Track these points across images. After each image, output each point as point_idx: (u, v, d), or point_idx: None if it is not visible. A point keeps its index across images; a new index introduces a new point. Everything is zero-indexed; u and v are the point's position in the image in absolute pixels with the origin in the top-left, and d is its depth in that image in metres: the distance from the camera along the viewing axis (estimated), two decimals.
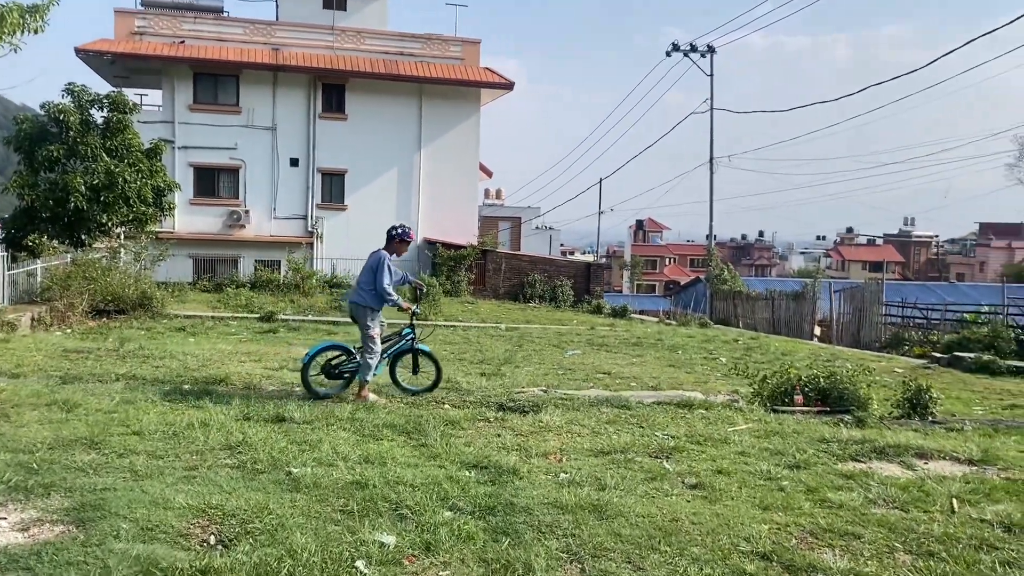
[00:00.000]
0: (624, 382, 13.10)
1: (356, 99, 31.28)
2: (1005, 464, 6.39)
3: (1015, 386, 15.37)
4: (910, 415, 8.91)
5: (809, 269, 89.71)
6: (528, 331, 20.99)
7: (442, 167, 31.80)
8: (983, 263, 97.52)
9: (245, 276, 28.89)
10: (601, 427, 6.87)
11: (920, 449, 6.63)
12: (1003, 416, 11.83)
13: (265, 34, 30.85)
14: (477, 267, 30.93)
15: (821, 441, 6.79)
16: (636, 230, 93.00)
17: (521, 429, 6.58)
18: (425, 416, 6.85)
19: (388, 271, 8.21)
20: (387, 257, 8.42)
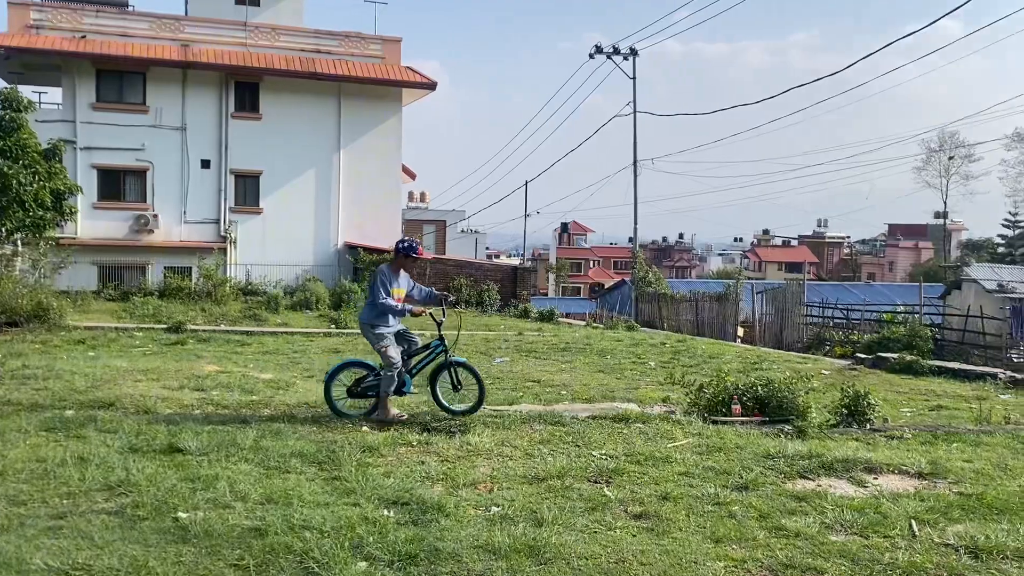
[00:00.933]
0: (555, 390, 12.61)
1: (271, 98, 30.13)
2: (955, 477, 6.10)
3: (938, 386, 15.48)
4: (848, 422, 8.65)
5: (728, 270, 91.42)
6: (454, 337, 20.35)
7: (363, 169, 30.89)
8: (892, 263, 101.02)
9: (154, 284, 27.45)
10: (535, 448, 6.33)
11: (868, 463, 6.29)
12: (929, 417, 11.80)
13: (173, 29, 29.44)
14: None
15: (766, 457, 6.39)
16: (561, 233, 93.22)
17: (447, 454, 5.98)
18: (340, 442, 6.17)
19: (383, 285, 7.77)
20: (385, 269, 8.03)
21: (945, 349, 23.05)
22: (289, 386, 9.47)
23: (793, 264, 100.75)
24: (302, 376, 13.32)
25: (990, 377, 15.70)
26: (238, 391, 8.75)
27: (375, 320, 7.82)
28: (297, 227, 30.29)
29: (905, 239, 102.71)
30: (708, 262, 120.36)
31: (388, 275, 7.89)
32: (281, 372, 13.18)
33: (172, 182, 29.38)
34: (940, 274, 59.75)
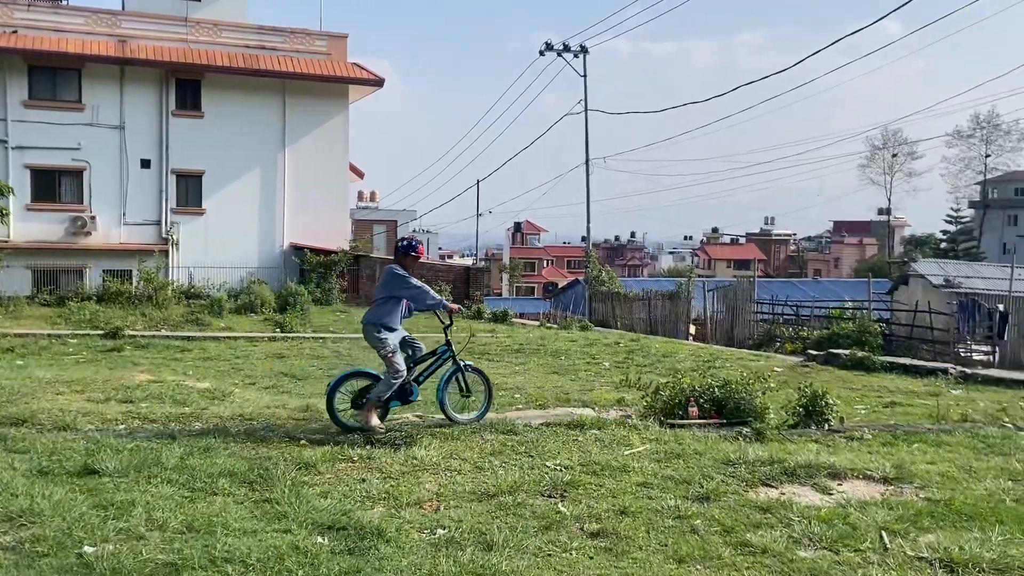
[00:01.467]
0: (508, 394, 12.26)
1: (213, 95, 29.26)
2: (921, 481, 5.89)
3: (890, 382, 15.48)
4: (807, 423, 8.45)
5: (678, 268, 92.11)
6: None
7: (309, 168, 30.17)
8: (838, 259, 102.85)
9: (92, 288, 26.42)
10: (485, 460, 5.95)
11: (832, 468, 6.05)
12: (884, 414, 11.72)
13: (110, 24, 28.41)
14: (350, 273, 29.51)
15: (727, 463, 6.11)
16: (514, 233, 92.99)
17: (391, 469, 5.57)
18: (275, 458, 5.72)
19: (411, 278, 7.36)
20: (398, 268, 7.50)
21: (894, 344, 23.26)
22: (226, 396, 8.95)
23: (742, 261, 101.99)
24: (243, 384, 12.77)
25: (941, 373, 15.76)
26: (169, 403, 8.21)
27: (384, 321, 7.29)
28: (241, 228, 29.48)
29: (850, 236, 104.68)
30: (659, 260, 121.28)
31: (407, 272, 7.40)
32: (220, 380, 12.60)
33: (111, 182, 28.35)
34: (886, 270, 60.92)
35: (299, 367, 15.09)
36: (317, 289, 28.03)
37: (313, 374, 14.34)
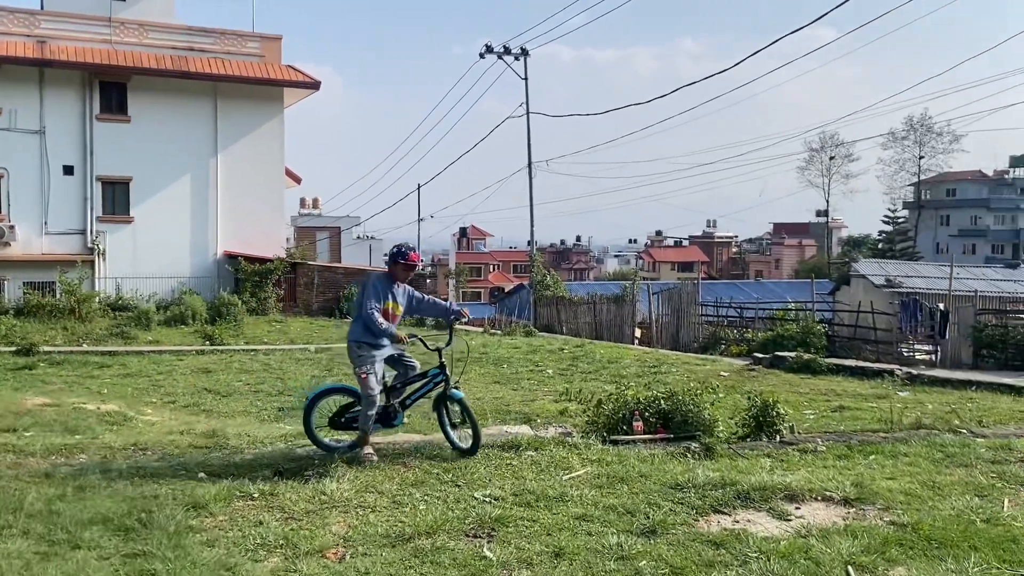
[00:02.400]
0: None
1: (140, 99, 28.03)
2: (884, 502, 5.40)
3: (837, 384, 15.22)
4: (757, 435, 7.96)
5: (623, 271, 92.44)
6: (341, 352, 18.97)
7: (243, 173, 29.09)
8: (778, 260, 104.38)
9: (12, 301, 25.02)
10: (405, 493, 5.29)
11: (788, 489, 5.53)
12: (832, 418, 11.36)
13: (28, 24, 27.01)
14: (287, 282, 28.51)
15: (675, 487, 5.55)
16: (460, 238, 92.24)
17: (295, 508, 4.86)
18: (163, 497, 4.98)
19: (374, 294, 6.44)
20: (377, 277, 6.74)
21: (837, 345, 23.17)
22: (127, 420, 8.12)
23: (685, 264, 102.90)
24: (160, 402, 11.91)
25: (887, 374, 15.55)
26: (59, 431, 7.36)
27: (363, 338, 6.52)
28: (172, 237, 28.27)
29: (789, 237, 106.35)
30: (605, 264, 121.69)
31: (380, 285, 6.61)
32: (134, 400, 11.72)
33: (31, 190, 26.95)
34: (826, 270, 61.72)
35: (224, 383, 14.23)
36: (252, 299, 27.02)
37: (239, 390, 13.51)
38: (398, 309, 6.67)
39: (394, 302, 6.61)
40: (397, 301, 6.65)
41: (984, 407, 12.20)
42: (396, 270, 6.62)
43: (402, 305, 6.72)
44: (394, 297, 6.62)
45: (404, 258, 6.59)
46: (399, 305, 6.68)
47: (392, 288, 6.63)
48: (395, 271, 6.63)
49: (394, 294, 6.62)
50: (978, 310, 20.08)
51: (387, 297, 6.54)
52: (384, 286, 6.59)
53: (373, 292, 6.43)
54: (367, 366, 6.37)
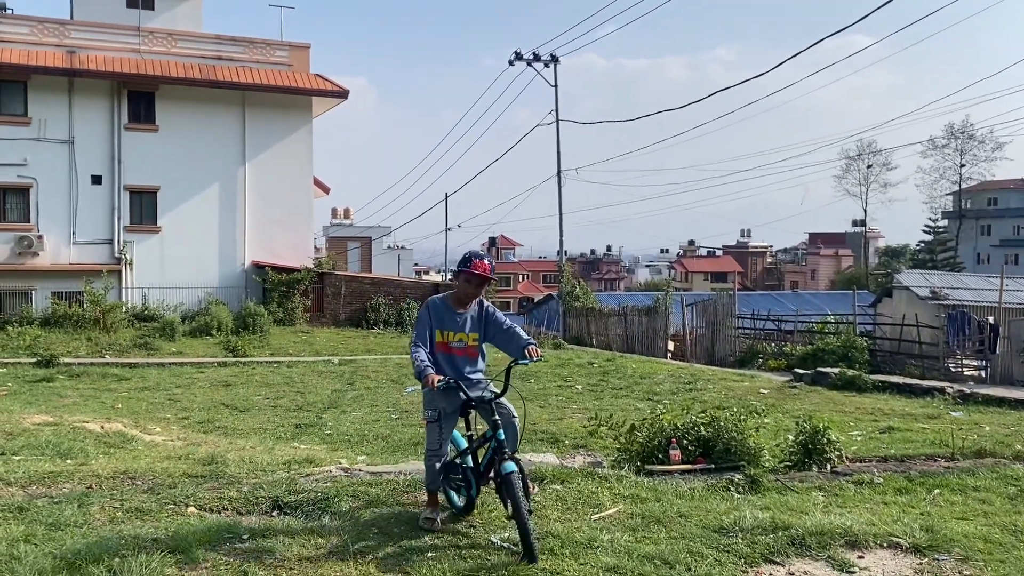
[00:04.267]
0: None
1: (168, 108, 27.91)
2: (961, 551, 4.72)
3: (884, 403, 14.42)
4: (806, 463, 7.27)
5: (655, 281, 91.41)
6: (365, 364, 18.61)
7: (271, 183, 28.84)
8: (814, 271, 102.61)
9: (39, 311, 24.96)
10: (413, 534, 4.70)
11: (848, 533, 4.87)
12: (881, 440, 10.63)
13: (58, 35, 27.01)
14: (314, 292, 28.19)
15: (719, 531, 4.91)
16: (489, 247, 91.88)
17: (287, 554, 4.25)
18: (141, 539, 4.42)
19: (421, 321, 5.22)
20: (430, 301, 5.36)
21: (880, 360, 22.26)
22: (126, 442, 7.63)
23: (719, 274, 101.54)
24: (174, 418, 11.48)
25: (938, 392, 14.71)
26: (51, 454, 6.88)
27: None
28: (200, 246, 28.07)
29: (825, 247, 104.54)
30: (636, 274, 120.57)
31: (432, 310, 5.24)
32: (144, 416, 11.30)
33: (59, 200, 26.90)
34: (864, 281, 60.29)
35: (243, 397, 13.80)
36: (279, 309, 26.74)
37: (257, 405, 13.06)
38: (466, 338, 5.17)
39: (454, 330, 5.16)
40: (462, 327, 5.16)
41: None
42: (466, 286, 5.20)
43: (471, 331, 5.19)
44: (456, 323, 5.16)
45: (466, 266, 5.13)
46: (466, 332, 5.17)
47: (451, 312, 5.18)
48: (460, 289, 5.25)
49: (456, 319, 5.16)
50: None
51: (441, 323, 5.15)
52: (438, 311, 5.20)
53: (419, 321, 5.23)
54: (427, 408, 5.16)
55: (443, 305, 5.25)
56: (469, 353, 5.21)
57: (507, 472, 4.60)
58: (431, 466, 5.09)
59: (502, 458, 4.68)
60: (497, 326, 5.27)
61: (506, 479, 4.59)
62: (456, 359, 5.17)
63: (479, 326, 5.24)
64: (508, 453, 4.72)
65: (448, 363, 5.14)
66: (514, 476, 4.57)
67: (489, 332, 5.26)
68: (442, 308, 5.23)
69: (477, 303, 5.27)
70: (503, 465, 4.65)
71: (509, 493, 4.54)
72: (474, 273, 5.12)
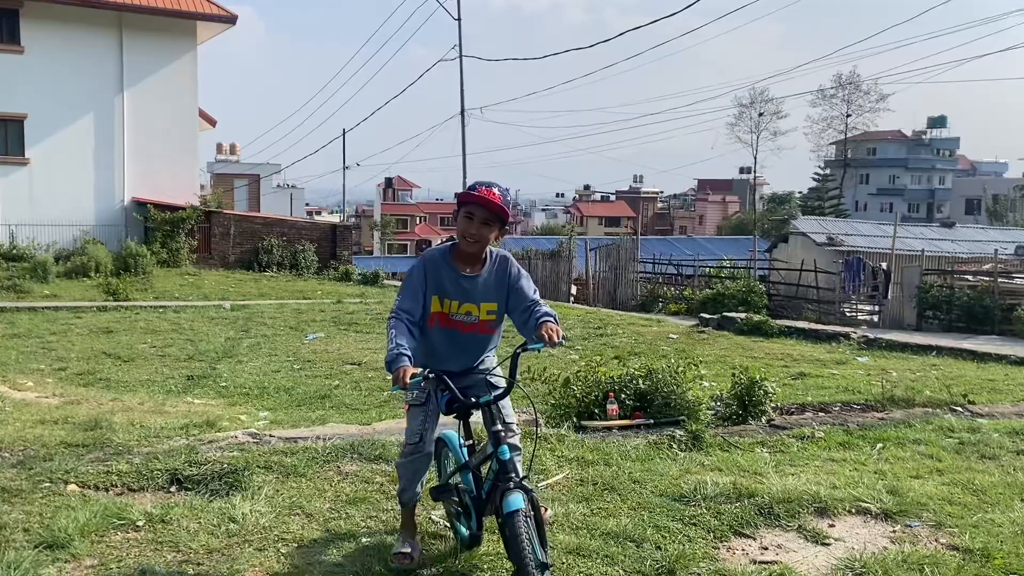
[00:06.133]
0: (379, 375, 10.42)
1: (36, 28, 25.37)
2: (931, 516, 4.46)
3: (792, 348, 14.55)
4: (742, 416, 7.01)
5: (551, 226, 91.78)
6: (260, 309, 17.57)
7: (152, 113, 26.78)
8: (702, 216, 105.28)
9: None
10: (341, 514, 4.08)
11: (817, 500, 4.54)
12: (795, 388, 10.61)
13: None
14: (201, 232, 26.56)
15: (680, 500, 4.49)
16: (385, 188, 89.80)
17: (192, 544, 3.59)
18: (10, 526, 3.65)
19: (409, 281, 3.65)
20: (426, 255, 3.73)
21: (777, 304, 22.72)
22: None
23: (613, 219, 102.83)
24: (49, 370, 10.36)
25: (843, 337, 14.96)
26: None
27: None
28: (74, 181, 25.92)
29: (713, 194, 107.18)
30: (532, 218, 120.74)
31: (431, 266, 3.63)
32: (14, 369, 10.14)
33: None
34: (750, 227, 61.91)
35: (127, 345, 12.67)
36: (163, 249, 25.07)
37: (143, 354, 11.99)
38: (476, 310, 3.62)
39: (460, 298, 3.60)
40: (472, 295, 3.61)
41: (951, 375, 11.62)
42: (460, 226, 3.57)
43: (487, 299, 3.63)
44: (461, 288, 3.59)
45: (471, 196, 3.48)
46: (476, 303, 3.61)
47: (453, 272, 3.59)
48: (460, 231, 3.57)
49: (461, 282, 3.59)
50: (924, 270, 19.71)
51: (440, 287, 3.59)
52: (435, 268, 3.61)
53: (407, 281, 3.67)
54: (410, 394, 3.63)
55: (443, 261, 3.61)
56: (481, 330, 3.68)
57: (510, 511, 3.18)
58: (407, 465, 3.69)
59: (505, 487, 3.27)
60: (520, 297, 3.63)
61: (508, 521, 3.17)
62: (461, 338, 3.64)
63: (500, 293, 3.64)
64: (514, 480, 3.30)
65: (448, 343, 3.62)
66: (519, 518, 3.16)
67: (511, 303, 3.65)
68: (442, 265, 3.60)
69: (498, 261, 3.66)
70: (506, 499, 3.23)
71: (511, 544, 3.16)
72: (476, 202, 3.45)
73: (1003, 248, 24.13)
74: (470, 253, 3.60)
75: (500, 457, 3.36)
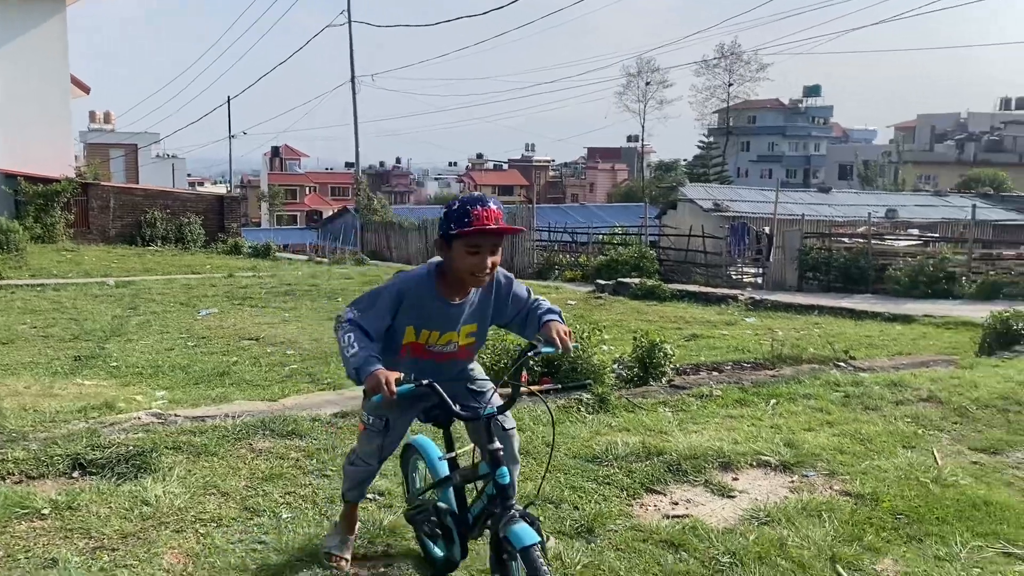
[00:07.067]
0: (279, 351, 10.22)
1: None
2: (825, 465, 4.77)
3: (684, 311, 15.06)
4: (643, 378, 7.26)
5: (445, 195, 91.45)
6: (147, 285, 16.88)
7: (19, 78, 25.06)
8: (592, 184, 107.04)
9: None
10: (258, 492, 4.02)
11: (720, 455, 4.77)
12: (689, 348, 11.01)
13: None
14: (78, 205, 25.20)
15: (593, 461, 4.65)
16: (272, 158, 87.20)
17: (105, 530, 3.48)
18: None
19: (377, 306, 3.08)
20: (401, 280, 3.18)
21: (668, 269, 23.45)
22: None
23: (506, 187, 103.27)
24: None
25: (731, 299, 15.59)
26: None
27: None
28: None
29: (603, 162, 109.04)
30: (425, 187, 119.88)
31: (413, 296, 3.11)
32: None
33: None
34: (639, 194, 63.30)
35: (4, 326, 11.97)
36: (37, 224, 23.68)
37: (23, 335, 11.35)
38: (457, 337, 3.19)
39: (443, 329, 3.16)
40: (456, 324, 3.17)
41: (832, 333, 12.30)
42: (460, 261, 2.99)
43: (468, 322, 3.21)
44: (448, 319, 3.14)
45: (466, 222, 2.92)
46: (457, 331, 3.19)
47: (442, 304, 3.11)
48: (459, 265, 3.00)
49: (448, 314, 3.13)
50: (804, 234, 20.70)
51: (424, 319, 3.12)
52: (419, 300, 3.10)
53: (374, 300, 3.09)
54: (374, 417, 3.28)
55: (428, 293, 3.09)
56: (460, 355, 3.29)
57: (524, 546, 2.72)
58: (354, 475, 3.41)
59: (508, 516, 2.81)
60: (518, 304, 3.24)
61: (524, 556, 2.71)
62: (437, 367, 3.19)
63: (482, 312, 3.22)
64: (518, 509, 2.84)
65: (425, 371, 3.06)
66: (535, 554, 2.70)
67: (500, 314, 3.27)
68: (427, 297, 3.09)
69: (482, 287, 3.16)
70: (512, 530, 2.76)
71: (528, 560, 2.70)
72: (485, 232, 2.91)
73: (875, 212, 25.55)
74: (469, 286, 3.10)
75: (499, 481, 2.89)
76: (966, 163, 60.43)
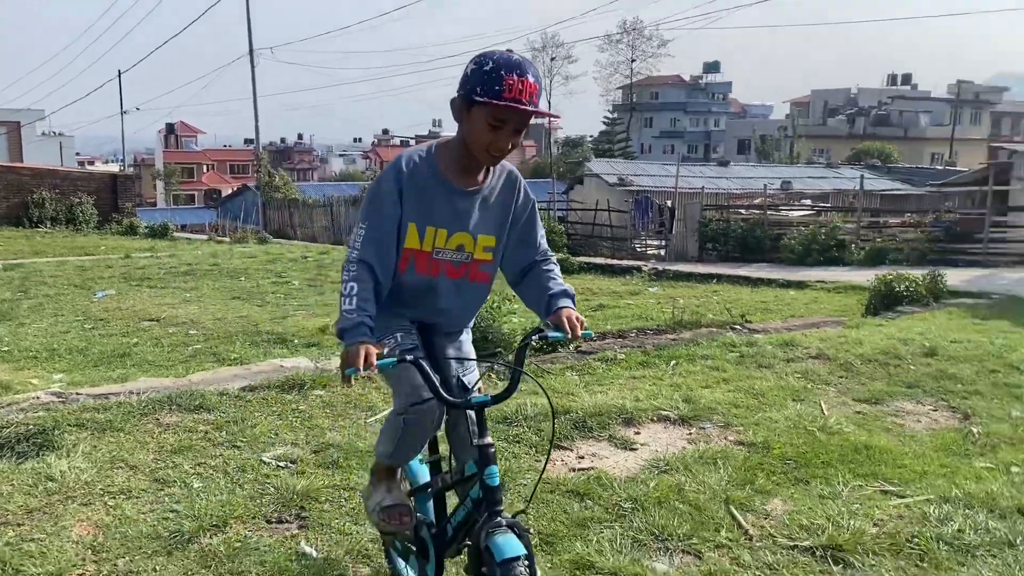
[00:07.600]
0: (181, 331, 10.00)
1: None
2: (720, 418, 5.05)
3: (591, 283, 15.41)
4: (552, 346, 7.44)
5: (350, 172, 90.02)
6: (37, 268, 16.17)
7: None
8: None
9: None
10: (168, 464, 4.00)
11: (623, 412, 4.99)
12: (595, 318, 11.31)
13: None
14: None
15: (503, 421, 4.80)
16: (167, 135, 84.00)
17: (10, 508, 3.40)
18: None
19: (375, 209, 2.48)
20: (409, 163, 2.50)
21: (575, 242, 23.84)
22: None
23: None
24: None
25: (635, 271, 16.03)
26: None
27: None
28: None
29: None
30: (329, 163, 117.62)
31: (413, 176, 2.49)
32: None
33: None
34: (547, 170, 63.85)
35: None
36: None
37: None
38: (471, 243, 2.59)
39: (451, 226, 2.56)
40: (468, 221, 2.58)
41: (730, 299, 12.81)
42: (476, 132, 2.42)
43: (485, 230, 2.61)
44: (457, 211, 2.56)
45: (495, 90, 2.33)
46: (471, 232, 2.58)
47: (447, 187, 2.53)
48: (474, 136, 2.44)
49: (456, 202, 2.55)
50: (704, 206, 21.35)
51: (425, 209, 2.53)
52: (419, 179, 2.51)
53: (371, 204, 2.52)
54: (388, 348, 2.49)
55: (430, 173, 2.52)
56: (472, 276, 2.64)
57: (504, 559, 2.28)
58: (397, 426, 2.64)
59: (494, 523, 2.38)
60: (525, 239, 2.69)
61: (504, 570, 2.27)
62: (445, 287, 2.61)
63: (501, 219, 2.63)
64: (505, 516, 2.41)
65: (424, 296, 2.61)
66: (517, 570, 2.27)
67: (512, 240, 2.68)
68: (427, 175, 2.52)
69: (504, 173, 2.63)
70: (494, 540, 2.34)
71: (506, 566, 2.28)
72: (514, 108, 2.34)
73: (771, 184, 26.51)
74: (475, 163, 2.52)
75: (487, 482, 2.43)
76: (856, 137, 63.15)
